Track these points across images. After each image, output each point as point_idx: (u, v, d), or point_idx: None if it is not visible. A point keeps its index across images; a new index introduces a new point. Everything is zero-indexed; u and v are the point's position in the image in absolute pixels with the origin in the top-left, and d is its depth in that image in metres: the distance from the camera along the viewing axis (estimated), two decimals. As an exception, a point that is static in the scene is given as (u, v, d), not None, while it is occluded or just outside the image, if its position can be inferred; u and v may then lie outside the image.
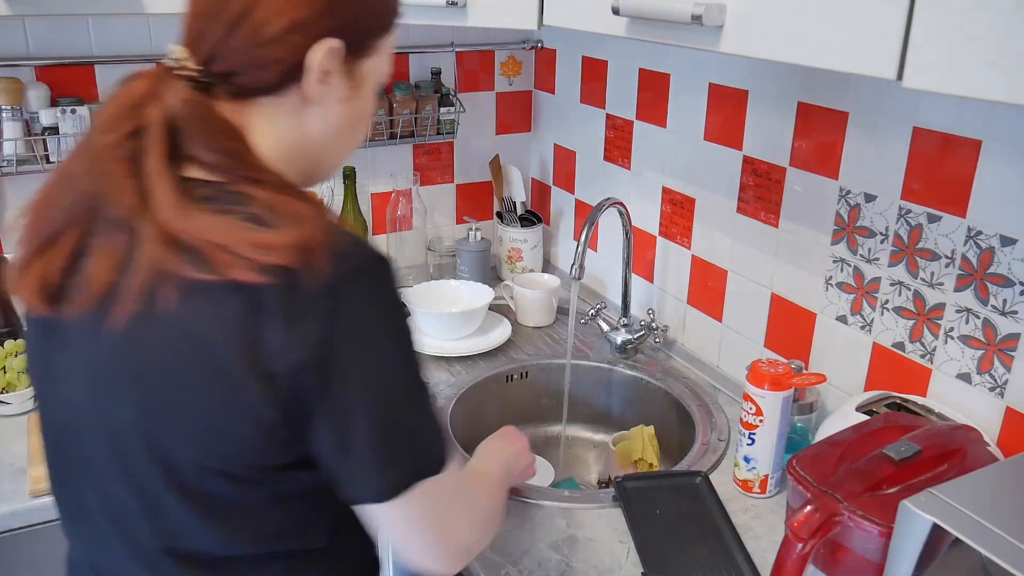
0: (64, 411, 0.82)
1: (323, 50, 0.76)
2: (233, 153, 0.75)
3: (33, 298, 0.77)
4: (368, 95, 0.84)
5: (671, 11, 0.96)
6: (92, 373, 0.77)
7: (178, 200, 0.71)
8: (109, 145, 0.73)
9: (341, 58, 0.78)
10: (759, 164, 1.42)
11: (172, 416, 0.74)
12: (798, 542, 0.90)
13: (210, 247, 0.69)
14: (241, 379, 0.70)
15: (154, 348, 0.73)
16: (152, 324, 0.72)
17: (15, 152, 1.57)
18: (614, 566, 1.09)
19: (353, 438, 0.74)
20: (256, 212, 0.71)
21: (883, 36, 0.76)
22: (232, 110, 0.77)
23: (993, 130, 1.06)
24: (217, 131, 0.75)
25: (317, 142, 0.82)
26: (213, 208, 0.72)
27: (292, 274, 0.69)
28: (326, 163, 0.86)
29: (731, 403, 1.49)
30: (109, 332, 0.73)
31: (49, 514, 1.25)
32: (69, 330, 0.78)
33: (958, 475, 0.81)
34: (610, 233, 1.86)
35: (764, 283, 1.46)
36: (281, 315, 0.69)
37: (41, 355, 0.83)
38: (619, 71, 1.75)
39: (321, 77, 0.77)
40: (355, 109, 0.83)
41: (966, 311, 1.12)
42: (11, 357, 1.46)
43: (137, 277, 0.71)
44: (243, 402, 0.71)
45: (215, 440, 0.73)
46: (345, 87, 0.80)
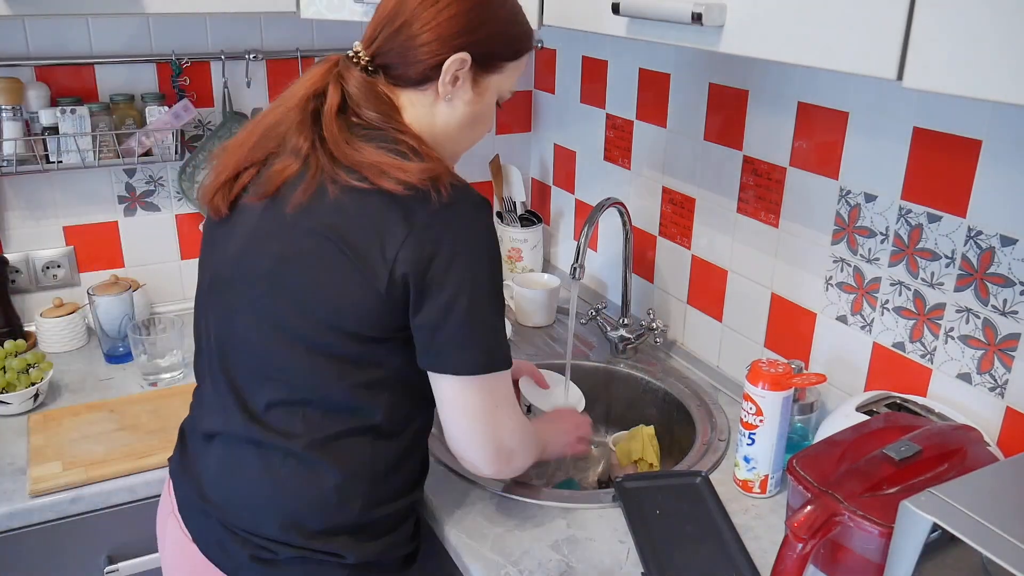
0: (214, 270, 1.07)
1: (455, 59, 1.00)
2: (388, 114, 1.01)
3: (223, 205, 1.04)
4: (488, 104, 1.08)
5: (671, 11, 0.96)
6: (246, 236, 1.02)
7: (345, 135, 0.97)
8: (299, 101, 1.01)
9: (469, 69, 1.02)
10: (759, 164, 1.42)
11: (296, 267, 0.97)
12: (798, 542, 0.90)
13: (365, 166, 0.95)
14: (366, 257, 0.94)
15: (302, 222, 0.97)
16: (308, 210, 0.97)
17: (15, 152, 1.57)
18: (614, 566, 1.09)
19: (447, 320, 0.95)
20: (403, 149, 0.96)
21: (883, 36, 0.76)
22: (389, 91, 1.04)
23: (993, 130, 1.05)
24: (378, 99, 1.01)
25: (441, 131, 1.06)
26: (371, 143, 0.97)
27: (422, 192, 0.93)
28: (446, 150, 1.09)
29: (731, 403, 1.49)
30: (270, 209, 1.00)
31: (49, 514, 1.25)
32: (237, 216, 1.04)
33: (958, 475, 0.81)
34: (610, 233, 1.86)
35: (764, 283, 1.46)
36: (408, 218, 0.93)
37: (209, 239, 1.10)
38: (619, 71, 1.75)
39: (451, 80, 1.02)
40: (475, 112, 1.07)
41: (966, 311, 1.12)
42: (11, 357, 1.46)
43: (309, 176, 0.97)
44: (365, 274, 0.94)
45: (328, 297, 0.96)
46: (470, 93, 1.05)
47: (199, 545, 1.05)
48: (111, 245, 1.78)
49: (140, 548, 1.32)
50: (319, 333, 0.98)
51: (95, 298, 1.60)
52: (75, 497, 1.26)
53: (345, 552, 1.01)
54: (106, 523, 1.30)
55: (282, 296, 0.99)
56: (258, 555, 1.01)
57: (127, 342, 1.61)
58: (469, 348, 0.97)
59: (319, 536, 1.01)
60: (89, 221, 1.75)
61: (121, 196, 1.76)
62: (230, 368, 1.05)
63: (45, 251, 1.73)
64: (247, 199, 1.04)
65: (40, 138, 1.59)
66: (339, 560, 1.02)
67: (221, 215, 1.06)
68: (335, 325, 0.97)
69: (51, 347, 1.67)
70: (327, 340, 0.98)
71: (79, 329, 1.69)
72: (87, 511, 1.28)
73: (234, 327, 1.04)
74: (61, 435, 1.37)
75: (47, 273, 1.74)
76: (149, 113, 1.67)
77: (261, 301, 1.01)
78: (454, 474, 1.27)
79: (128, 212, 1.78)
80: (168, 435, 1.37)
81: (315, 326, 0.98)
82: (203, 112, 1.78)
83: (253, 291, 1.01)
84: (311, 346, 0.99)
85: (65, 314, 1.67)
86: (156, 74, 1.72)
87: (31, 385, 1.45)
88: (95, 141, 1.62)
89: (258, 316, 1.01)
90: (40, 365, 1.49)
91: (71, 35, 1.63)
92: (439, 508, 1.20)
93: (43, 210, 1.71)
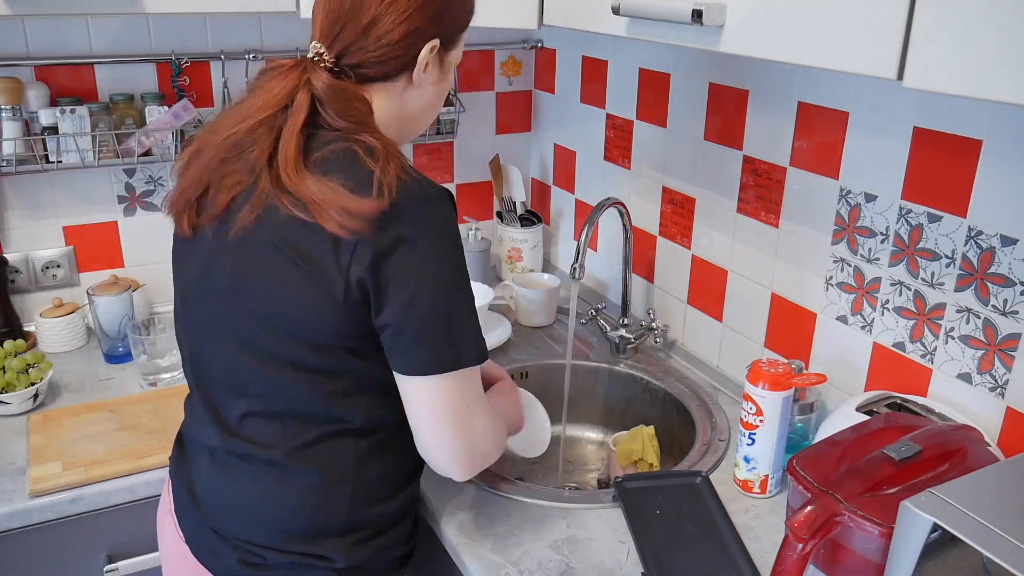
0: (183, 286, 1.07)
1: (428, 47, 0.99)
2: (361, 118, 0.98)
3: (187, 227, 1.02)
4: (449, 78, 1.08)
5: (671, 11, 0.96)
6: (205, 251, 1.01)
7: (296, 160, 0.93)
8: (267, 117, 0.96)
9: (437, 52, 1.01)
10: (759, 164, 1.42)
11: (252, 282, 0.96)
12: (798, 542, 0.90)
13: (307, 200, 0.91)
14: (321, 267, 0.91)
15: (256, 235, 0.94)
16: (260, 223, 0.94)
17: (15, 152, 1.57)
18: (614, 566, 1.09)
19: (409, 320, 0.92)
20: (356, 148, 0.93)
21: (883, 36, 0.76)
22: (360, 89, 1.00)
23: (993, 130, 1.05)
24: (353, 102, 0.98)
25: (409, 116, 1.06)
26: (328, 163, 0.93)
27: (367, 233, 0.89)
28: (414, 131, 1.11)
29: (731, 403, 1.49)
30: (223, 230, 0.97)
31: (49, 514, 1.25)
32: (197, 235, 1.02)
33: (959, 475, 0.81)
34: (610, 233, 1.86)
35: (764, 283, 1.46)
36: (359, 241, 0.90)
37: (177, 253, 1.09)
38: (619, 71, 1.75)
39: (424, 67, 1.01)
40: (440, 90, 1.07)
41: (966, 311, 1.12)
42: (11, 357, 1.46)
43: (253, 203, 0.94)
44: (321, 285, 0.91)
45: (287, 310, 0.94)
46: (437, 73, 1.04)
47: (191, 547, 1.06)
48: (111, 245, 1.78)
49: (140, 548, 1.32)
50: (283, 346, 0.96)
51: (95, 298, 1.60)
52: (75, 497, 1.26)
53: (335, 556, 1.01)
54: (106, 523, 1.30)
55: (242, 311, 0.98)
56: (247, 559, 1.01)
57: (127, 342, 1.61)
58: (435, 346, 0.94)
59: (307, 541, 1.01)
60: (89, 221, 1.75)
61: (121, 196, 1.76)
62: (205, 382, 1.05)
63: (45, 251, 1.73)
64: (203, 220, 1.01)
65: (40, 138, 1.59)
66: (328, 564, 1.01)
67: (186, 235, 1.04)
68: (298, 337, 0.95)
69: (51, 347, 1.67)
70: (292, 353, 0.96)
71: (79, 329, 1.69)
72: (87, 511, 1.28)
73: (204, 343, 1.04)
74: (61, 435, 1.37)
75: (47, 273, 1.74)
76: (149, 113, 1.67)
77: (223, 317, 1.00)
78: (454, 474, 1.27)
79: (128, 212, 1.78)
80: (168, 435, 1.37)
81: (278, 340, 0.96)
82: (203, 112, 1.78)
83: (215, 307, 1.00)
84: (278, 360, 0.97)
85: (65, 314, 1.67)
86: (156, 74, 1.72)
87: (31, 385, 1.45)
88: (95, 141, 1.62)
89: (222, 332, 1.00)
90: (40, 365, 1.49)
91: (71, 35, 1.63)
92: (438, 508, 1.20)
93: (43, 210, 1.71)
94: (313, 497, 1.00)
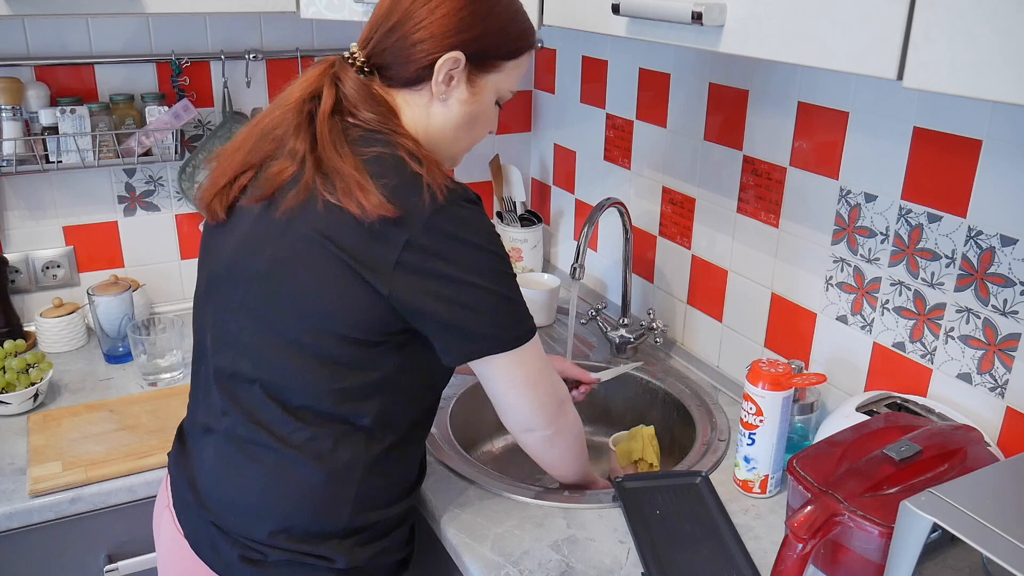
0: (211, 269, 1.08)
1: (448, 58, 1.00)
2: (384, 115, 1.01)
3: (220, 210, 1.04)
4: (486, 104, 1.07)
5: (671, 11, 0.96)
6: (241, 238, 1.02)
7: (336, 138, 0.97)
8: (296, 103, 1.01)
9: (463, 68, 1.01)
10: (759, 164, 1.42)
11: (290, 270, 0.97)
12: (798, 542, 0.90)
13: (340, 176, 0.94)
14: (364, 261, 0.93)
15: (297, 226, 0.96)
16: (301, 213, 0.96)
17: (15, 152, 1.57)
18: (614, 566, 1.09)
19: (474, 313, 0.97)
20: (400, 154, 0.96)
21: (883, 36, 0.76)
22: (384, 92, 1.04)
23: (993, 130, 1.05)
24: (374, 101, 1.01)
25: (437, 132, 1.05)
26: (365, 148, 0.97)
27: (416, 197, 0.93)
28: (445, 150, 1.08)
29: (731, 403, 1.49)
30: (266, 212, 0.99)
31: (48, 514, 1.25)
32: (234, 219, 1.04)
33: (959, 475, 0.81)
34: (610, 233, 1.86)
35: (764, 283, 1.46)
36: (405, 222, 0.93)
37: (207, 241, 1.10)
38: (619, 71, 1.75)
39: (444, 79, 1.01)
40: (472, 112, 1.06)
41: (966, 311, 1.12)
42: (11, 357, 1.46)
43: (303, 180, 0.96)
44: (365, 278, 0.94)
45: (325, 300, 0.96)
46: (466, 92, 1.04)
47: (190, 542, 1.06)
48: (111, 245, 1.78)
49: (140, 547, 1.32)
50: (313, 336, 0.98)
51: (95, 298, 1.60)
52: (75, 497, 1.26)
53: (335, 556, 1.01)
54: (106, 523, 1.30)
55: (277, 299, 0.98)
56: (247, 555, 1.01)
57: (127, 342, 1.61)
58: (504, 327, 1.00)
59: (308, 540, 1.01)
60: (89, 221, 1.75)
61: (121, 196, 1.76)
62: (224, 368, 1.05)
63: (45, 251, 1.73)
64: (244, 202, 1.03)
65: (40, 138, 1.59)
66: (328, 564, 1.01)
67: (219, 220, 1.06)
68: (330, 329, 0.97)
69: (51, 347, 1.67)
70: (320, 343, 0.98)
71: (79, 329, 1.69)
72: (87, 511, 1.28)
73: (228, 327, 1.04)
74: (61, 435, 1.37)
75: (47, 273, 1.74)
76: (149, 113, 1.67)
77: (255, 303, 1.00)
78: (454, 474, 1.27)
79: (128, 212, 1.78)
80: (168, 435, 1.37)
81: (309, 329, 0.97)
82: (203, 112, 1.78)
83: (247, 293, 1.01)
84: (304, 348, 0.98)
85: (65, 314, 1.67)
86: (156, 74, 1.72)
87: (31, 385, 1.45)
88: (95, 141, 1.62)
89: (252, 318, 1.01)
90: (40, 365, 1.49)
91: (71, 35, 1.63)
92: (438, 508, 1.20)
93: (43, 210, 1.71)
94: (317, 496, 1.00)
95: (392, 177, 0.95)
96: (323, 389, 0.99)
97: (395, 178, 0.95)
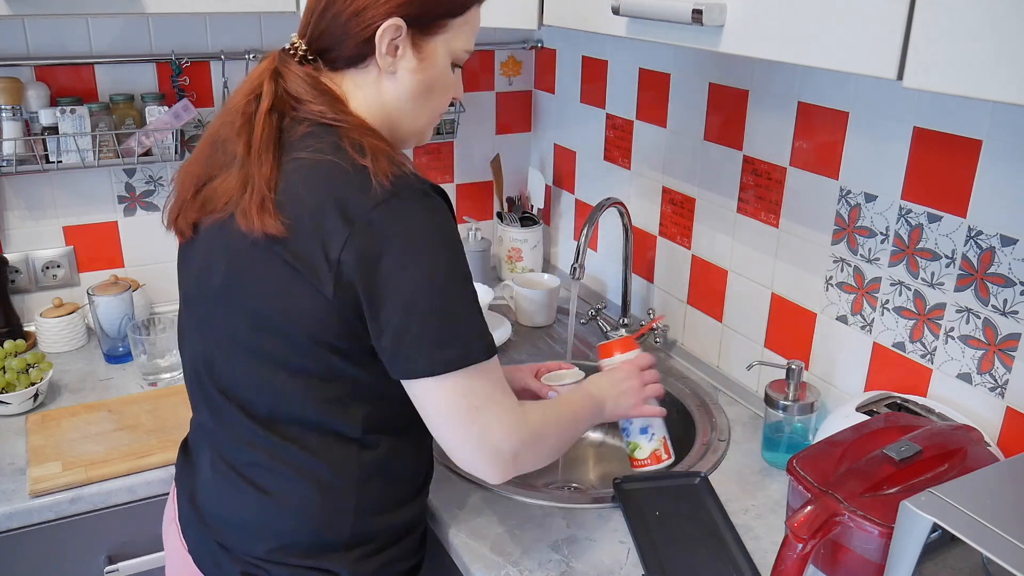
0: (184, 290, 1.06)
1: (387, 26, 0.93)
2: (331, 105, 0.95)
3: (186, 228, 1.01)
4: (440, 69, 0.99)
5: (671, 11, 0.96)
6: (203, 252, 1.00)
7: (265, 143, 0.92)
8: (240, 105, 0.96)
9: (406, 34, 0.94)
10: (759, 164, 1.42)
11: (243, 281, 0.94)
12: (798, 542, 0.90)
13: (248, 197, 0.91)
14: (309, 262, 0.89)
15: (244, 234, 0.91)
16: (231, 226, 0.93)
17: (15, 152, 1.57)
18: (614, 566, 1.09)
19: (409, 323, 0.88)
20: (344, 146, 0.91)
21: (883, 36, 0.76)
22: (330, 79, 0.98)
23: (993, 130, 1.05)
24: (318, 91, 0.96)
25: (393, 108, 0.99)
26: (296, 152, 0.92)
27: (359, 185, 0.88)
28: (404, 127, 1.02)
29: (731, 403, 1.49)
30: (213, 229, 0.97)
31: (48, 514, 1.25)
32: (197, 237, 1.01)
33: (959, 475, 0.81)
34: (610, 233, 1.86)
35: (764, 283, 1.46)
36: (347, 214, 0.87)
37: (180, 258, 1.08)
38: (619, 71, 1.75)
39: (388, 50, 0.95)
40: (425, 81, 0.98)
41: (966, 311, 1.12)
42: (11, 357, 1.46)
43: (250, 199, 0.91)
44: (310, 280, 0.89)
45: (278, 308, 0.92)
46: (413, 60, 0.96)
47: (193, 557, 1.05)
48: (111, 245, 1.78)
49: (140, 548, 1.32)
50: (275, 348, 0.94)
51: (95, 298, 1.60)
52: (75, 497, 1.25)
53: (338, 569, 0.99)
54: (106, 523, 1.30)
55: (236, 312, 0.96)
56: (250, 571, 1.00)
57: (127, 342, 1.61)
58: (439, 346, 0.89)
59: (311, 555, 0.99)
60: (89, 221, 1.75)
61: (121, 196, 1.76)
62: (207, 387, 1.02)
63: (45, 251, 1.73)
64: (204, 217, 1.00)
65: (40, 138, 1.59)
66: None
67: (186, 237, 1.02)
68: (288, 337, 0.93)
69: (51, 347, 1.67)
70: (284, 355, 0.94)
71: (79, 329, 1.69)
72: (87, 511, 1.28)
73: (205, 346, 1.02)
74: (60, 435, 1.37)
75: (47, 273, 1.74)
76: (149, 113, 1.67)
77: (219, 318, 0.98)
78: (454, 474, 1.27)
79: (128, 212, 1.78)
80: (167, 435, 1.37)
81: (270, 340, 0.94)
82: (203, 112, 1.78)
83: (212, 309, 0.99)
84: (272, 362, 0.95)
85: (65, 314, 1.67)
86: (156, 74, 1.72)
87: (31, 385, 1.45)
88: (95, 141, 1.62)
89: (219, 334, 0.99)
90: (40, 365, 1.49)
91: (71, 35, 1.63)
92: (439, 508, 1.19)
93: (43, 210, 1.71)
94: (316, 510, 0.98)
95: (324, 179, 0.90)
96: (301, 403, 0.96)
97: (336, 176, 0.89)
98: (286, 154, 0.93)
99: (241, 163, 0.93)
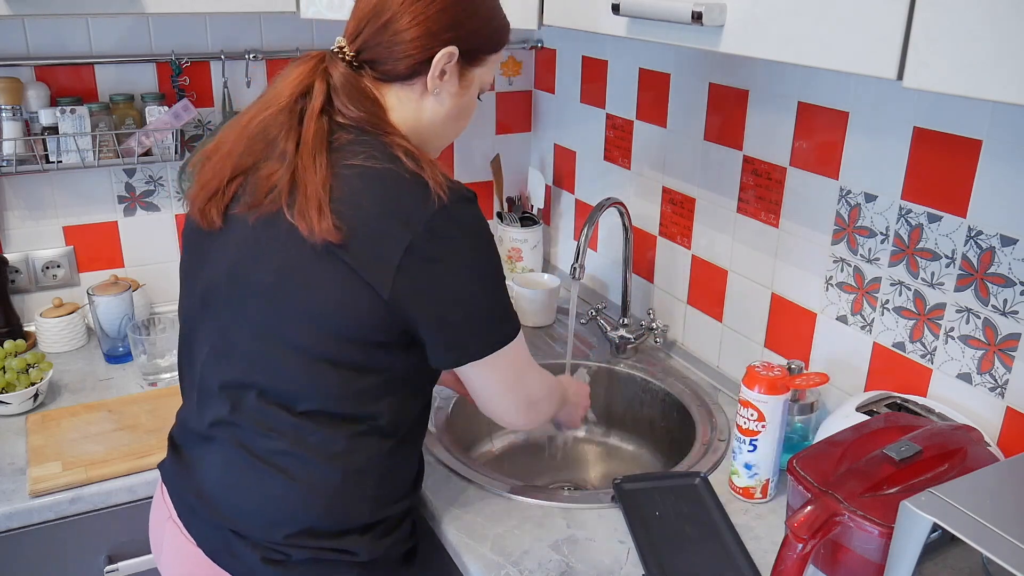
0: (208, 282, 1.05)
1: (444, 53, 1.01)
2: (373, 112, 1.01)
3: (216, 217, 1.02)
4: (472, 96, 1.10)
5: (671, 11, 0.96)
6: (240, 247, 1.00)
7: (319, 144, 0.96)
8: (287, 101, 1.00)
9: (456, 62, 1.03)
10: (759, 164, 1.42)
11: (297, 279, 0.96)
12: (798, 542, 0.90)
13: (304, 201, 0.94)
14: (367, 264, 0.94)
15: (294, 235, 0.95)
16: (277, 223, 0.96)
17: (15, 152, 1.57)
18: (614, 566, 1.09)
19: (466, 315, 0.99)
20: (397, 154, 0.96)
21: (883, 36, 0.76)
22: (374, 87, 1.04)
23: (993, 130, 1.05)
24: (363, 96, 1.01)
25: (428, 125, 1.07)
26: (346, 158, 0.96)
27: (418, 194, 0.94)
28: (433, 143, 1.10)
29: (731, 403, 1.49)
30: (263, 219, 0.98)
31: (48, 514, 1.25)
32: (228, 227, 1.02)
33: (959, 475, 0.81)
34: (610, 233, 1.86)
35: (764, 283, 1.46)
36: (408, 222, 0.93)
37: (198, 249, 1.07)
38: (619, 71, 1.75)
39: (439, 74, 1.03)
40: (461, 105, 1.08)
41: (966, 311, 1.12)
42: (11, 357, 1.46)
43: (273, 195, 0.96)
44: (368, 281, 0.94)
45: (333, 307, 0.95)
46: (456, 86, 1.06)
47: (205, 550, 1.05)
48: (111, 245, 1.78)
49: (140, 548, 1.32)
50: (323, 343, 0.97)
51: (95, 298, 1.60)
52: (75, 497, 1.26)
53: (356, 549, 1.02)
54: (106, 523, 1.30)
55: (285, 309, 0.98)
56: (269, 557, 1.01)
57: (127, 342, 1.61)
58: (488, 330, 1.01)
59: (330, 536, 1.02)
60: (89, 221, 1.75)
61: (121, 196, 1.76)
62: (228, 378, 1.03)
63: (45, 251, 1.73)
64: (238, 209, 1.01)
65: (40, 138, 1.59)
66: (352, 558, 1.03)
67: (214, 227, 1.03)
68: (340, 334, 0.97)
69: (51, 347, 1.67)
70: (331, 349, 0.98)
71: (79, 329, 1.69)
72: (87, 511, 1.28)
73: (232, 339, 1.02)
74: (60, 435, 1.37)
75: (47, 273, 1.74)
76: (149, 113, 1.67)
77: (262, 313, 0.99)
78: (454, 474, 1.27)
79: (128, 212, 1.78)
80: (167, 435, 1.37)
81: (320, 336, 0.97)
82: (203, 112, 1.78)
83: (253, 304, 1.00)
84: (315, 355, 0.98)
85: (65, 314, 1.67)
86: (156, 74, 1.72)
87: (31, 385, 1.45)
88: (95, 141, 1.62)
89: (258, 328, 1.00)
90: (40, 365, 1.49)
91: (71, 35, 1.63)
92: (439, 508, 1.20)
93: (43, 210, 1.71)
94: (336, 496, 1.01)
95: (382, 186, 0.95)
96: (338, 393, 0.99)
97: (390, 184, 0.95)
98: (336, 157, 0.97)
99: (290, 161, 0.97)
